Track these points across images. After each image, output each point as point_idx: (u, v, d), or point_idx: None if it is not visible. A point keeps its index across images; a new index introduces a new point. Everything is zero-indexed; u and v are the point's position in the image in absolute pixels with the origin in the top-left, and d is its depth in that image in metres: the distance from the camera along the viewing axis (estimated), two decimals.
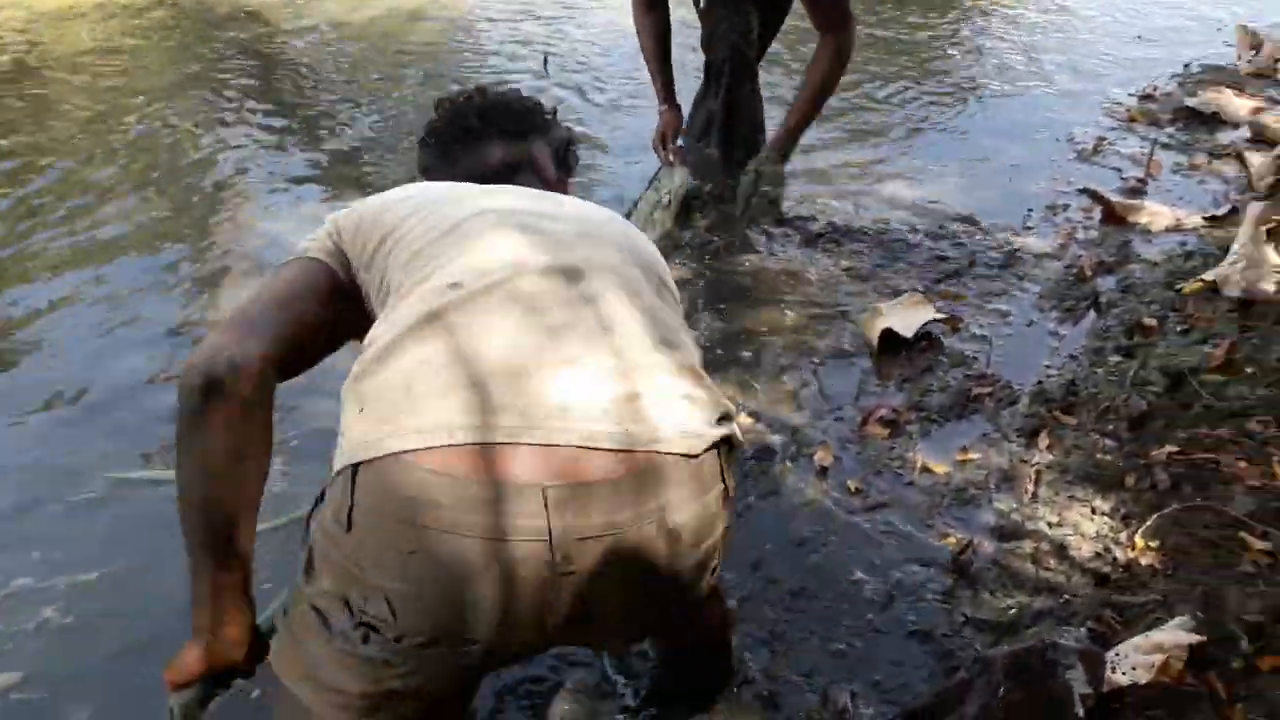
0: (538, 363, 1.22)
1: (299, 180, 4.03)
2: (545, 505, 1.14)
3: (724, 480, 1.31)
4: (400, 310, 1.29)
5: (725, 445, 1.32)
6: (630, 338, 1.29)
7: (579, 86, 4.85)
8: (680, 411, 1.26)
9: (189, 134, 4.35)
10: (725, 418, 1.32)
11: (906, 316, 2.89)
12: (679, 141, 3.67)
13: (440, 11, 5.88)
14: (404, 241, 1.40)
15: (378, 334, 1.28)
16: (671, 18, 3.60)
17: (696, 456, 1.24)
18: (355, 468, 1.17)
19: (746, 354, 2.93)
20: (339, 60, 5.25)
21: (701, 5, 3.55)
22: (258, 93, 4.82)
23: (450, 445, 1.14)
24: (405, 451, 1.14)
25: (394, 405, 1.18)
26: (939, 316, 2.88)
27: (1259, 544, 2.10)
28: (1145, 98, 4.51)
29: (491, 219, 1.40)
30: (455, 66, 5.18)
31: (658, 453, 1.21)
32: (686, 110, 3.71)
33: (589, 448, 1.17)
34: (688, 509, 1.25)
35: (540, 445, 1.16)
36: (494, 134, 1.81)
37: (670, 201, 3.45)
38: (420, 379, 1.19)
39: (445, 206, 1.44)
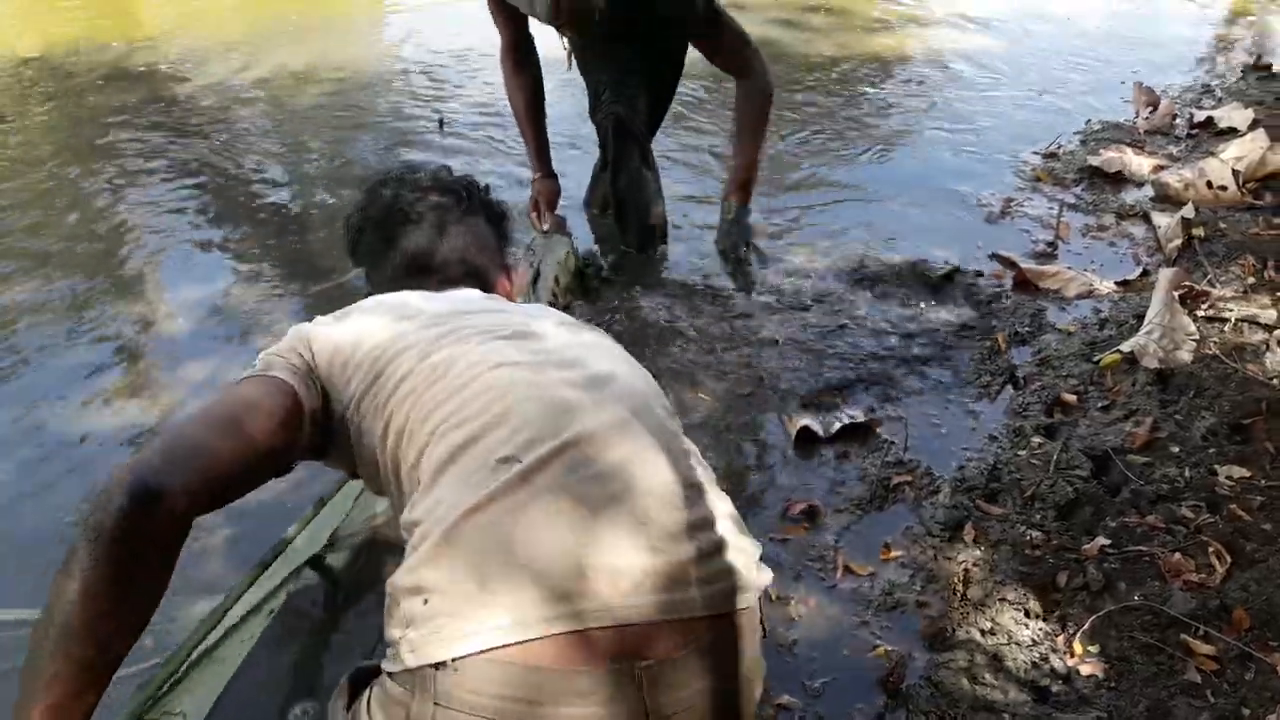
0: (608, 538, 1.18)
1: (206, 246, 3.85)
2: (640, 686, 1.14)
3: (761, 623, 1.36)
4: (445, 489, 1.22)
5: None
6: (680, 492, 1.27)
7: (473, 148, 4.67)
8: (739, 563, 1.27)
9: (84, 204, 4.07)
10: (761, 558, 1.34)
11: (824, 417, 2.75)
12: (556, 212, 3.50)
13: (331, 73, 5.66)
14: (406, 388, 1.34)
15: (426, 516, 1.21)
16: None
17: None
18: (436, 667, 1.12)
19: None
20: (233, 125, 4.99)
21: (579, 66, 3.40)
22: (153, 159, 4.55)
23: (538, 638, 1.11)
24: (495, 648, 1.10)
25: (467, 598, 1.13)
26: (858, 420, 2.73)
27: (1202, 648, 1.98)
28: (1049, 156, 4.49)
29: (493, 358, 1.35)
30: (352, 128, 4.96)
31: (736, 611, 1.25)
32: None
33: (673, 620, 1.17)
34: (750, 656, 1.28)
35: (624, 626, 1.14)
36: (433, 217, 1.80)
37: (545, 274, 3.27)
38: (492, 568, 1.14)
39: (437, 341, 1.39)
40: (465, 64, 5.77)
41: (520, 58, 3.22)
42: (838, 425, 2.71)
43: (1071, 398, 2.81)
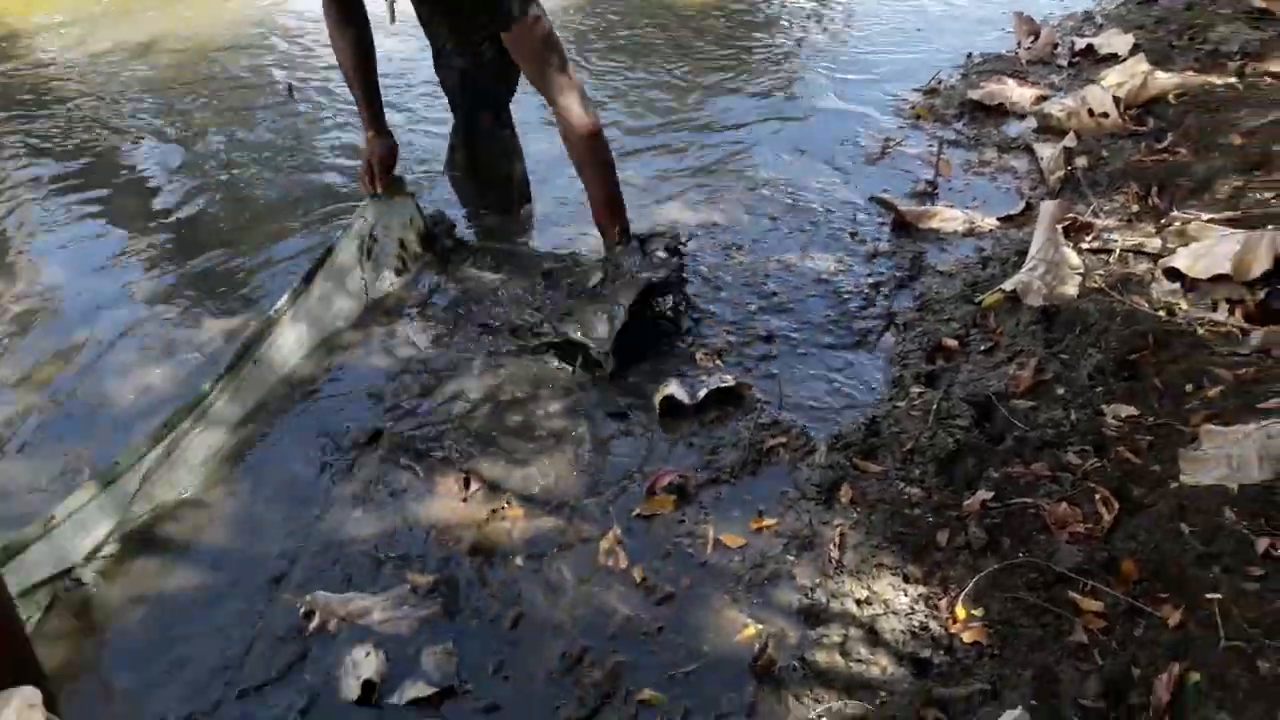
0: None
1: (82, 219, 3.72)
2: None
3: None
4: None
5: None
6: None
7: (322, 116, 4.37)
8: None
9: None
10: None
11: (690, 383, 2.53)
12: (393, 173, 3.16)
13: (173, 44, 5.27)
14: None
15: None
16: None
17: None
18: None
19: (515, 419, 2.53)
20: (84, 96, 4.64)
21: (423, 19, 3.12)
22: (14, 132, 4.24)
23: None
24: None
25: None
26: (727, 383, 2.52)
27: (1090, 604, 1.82)
28: (929, 93, 4.33)
29: None
30: (202, 96, 4.62)
31: None
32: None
33: None
34: None
35: None
36: None
37: (385, 240, 3.04)
38: None
39: None
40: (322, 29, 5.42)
41: (343, 11, 2.91)
42: (704, 391, 2.50)
43: (953, 343, 2.65)
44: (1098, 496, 2.03)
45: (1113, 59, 4.33)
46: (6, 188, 3.93)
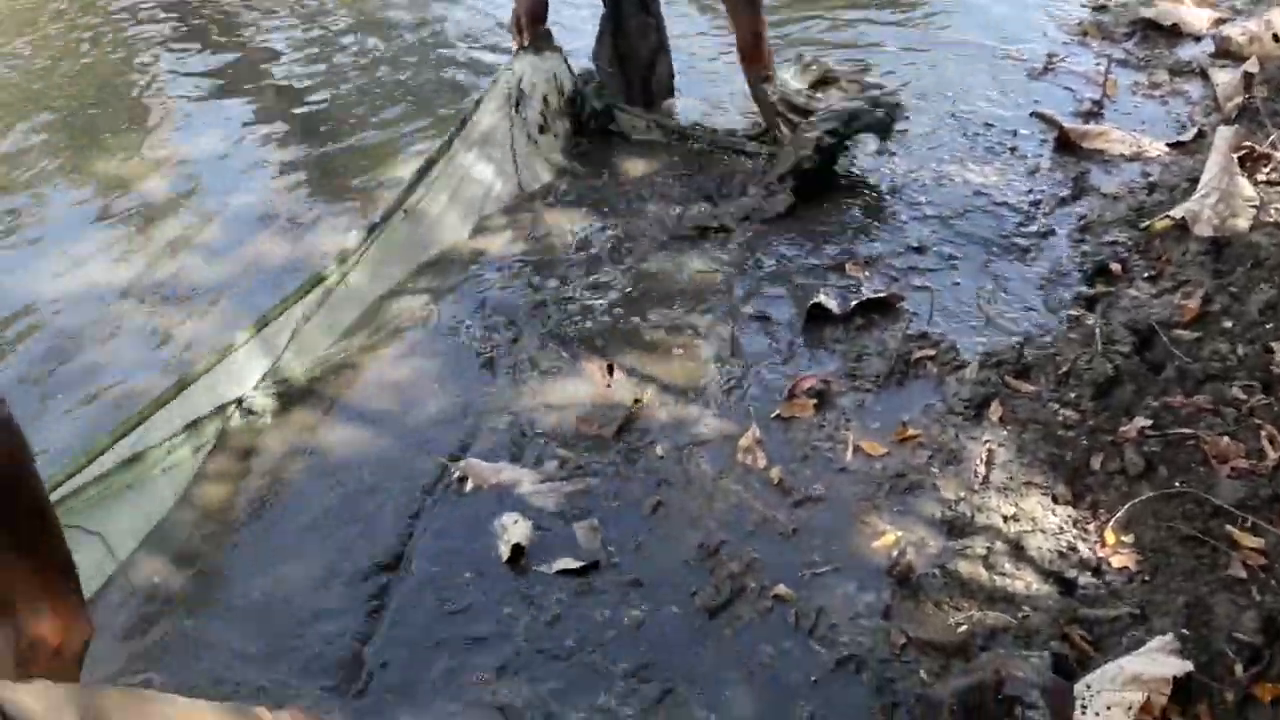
0: None
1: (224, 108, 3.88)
2: None
3: None
4: None
5: None
6: None
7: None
8: None
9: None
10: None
11: (840, 292, 2.51)
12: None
13: None
14: None
15: None
16: None
17: None
18: None
19: (661, 311, 2.55)
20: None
21: None
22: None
23: None
24: None
25: None
26: (878, 294, 2.49)
27: (1249, 540, 1.78)
28: (1099, 8, 4.11)
29: None
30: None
31: None
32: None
33: None
34: None
35: None
36: None
37: (532, 93, 3.05)
38: None
39: None
40: None
41: None
42: (855, 301, 2.47)
43: (1116, 266, 2.56)
44: (1263, 433, 1.97)
45: None
46: (153, 81, 4.08)
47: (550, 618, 1.83)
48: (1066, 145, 3.11)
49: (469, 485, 2.08)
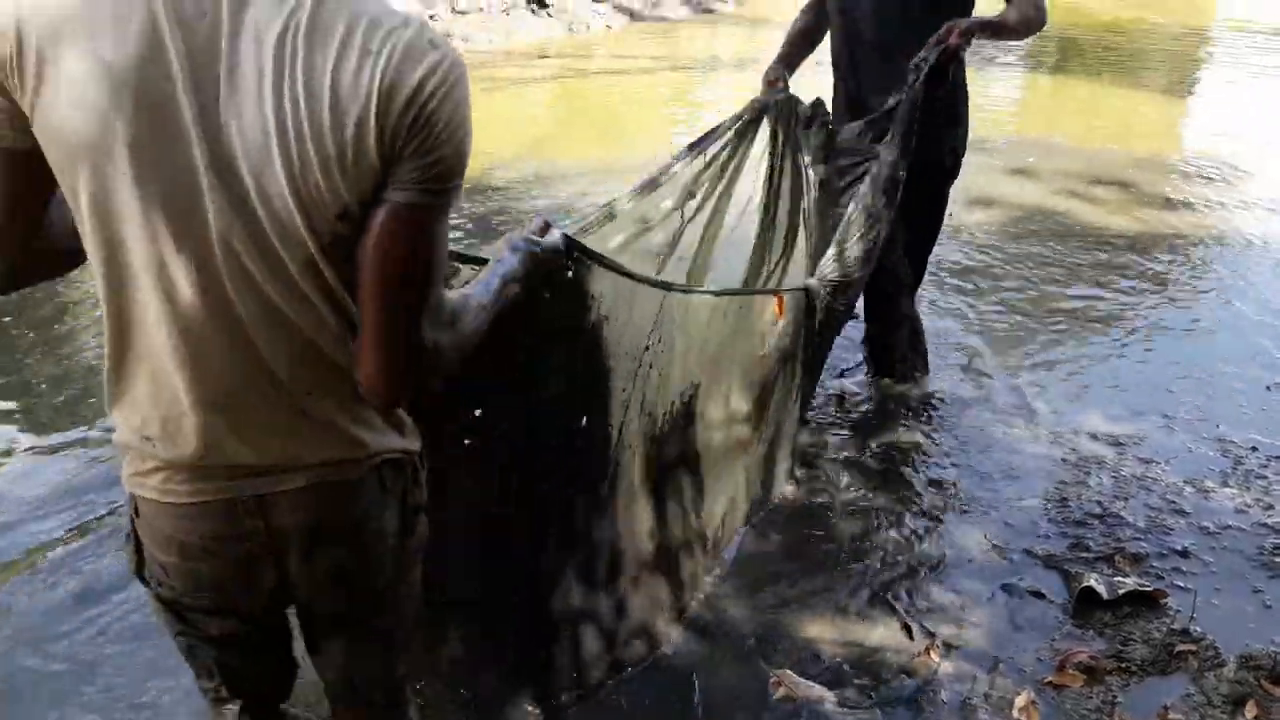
0: None
1: None
2: None
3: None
4: None
5: None
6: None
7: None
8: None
9: None
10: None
11: (1109, 581, 2.87)
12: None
13: None
14: None
15: None
16: None
17: None
18: None
19: (953, 575, 2.96)
20: None
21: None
22: None
23: None
24: None
25: None
26: (1145, 588, 2.84)
27: None
28: None
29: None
30: None
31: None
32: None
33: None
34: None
35: None
36: None
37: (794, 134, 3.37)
38: None
39: None
40: None
41: (814, 12, 3.64)
42: (1123, 590, 2.82)
43: None
44: None
45: None
46: None
47: None
48: None
49: (780, 692, 2.50)
